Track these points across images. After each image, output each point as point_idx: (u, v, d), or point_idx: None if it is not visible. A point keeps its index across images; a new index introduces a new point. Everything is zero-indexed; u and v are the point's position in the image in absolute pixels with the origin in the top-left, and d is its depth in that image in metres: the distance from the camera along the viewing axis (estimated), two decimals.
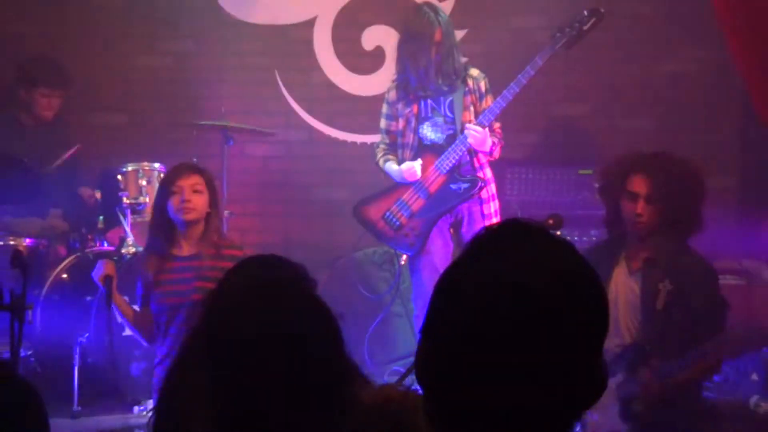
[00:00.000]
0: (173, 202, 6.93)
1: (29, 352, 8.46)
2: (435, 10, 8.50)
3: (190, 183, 6.99)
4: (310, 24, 10.80)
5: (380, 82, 10.60)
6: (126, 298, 8.36)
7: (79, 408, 8.27)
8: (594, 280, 2.36)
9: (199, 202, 7.04)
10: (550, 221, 6.33)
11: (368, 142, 10.61)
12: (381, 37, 10.74)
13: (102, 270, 6.96)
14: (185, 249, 7.07)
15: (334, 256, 9.92)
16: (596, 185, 7.03)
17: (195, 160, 9.03)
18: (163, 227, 7.04)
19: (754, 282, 9.48)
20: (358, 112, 10.75)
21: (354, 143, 10.79)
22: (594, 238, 8.96)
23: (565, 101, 8.61)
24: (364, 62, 10.78)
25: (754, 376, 8.58)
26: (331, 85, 10.82)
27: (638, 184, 6.55)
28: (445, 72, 8.40)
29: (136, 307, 7.08)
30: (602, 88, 9.60)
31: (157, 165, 9.14)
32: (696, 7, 9.46)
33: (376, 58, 10.75)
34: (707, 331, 6.32)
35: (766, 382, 8.50)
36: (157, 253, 7.07)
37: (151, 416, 4.42)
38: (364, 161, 10.45)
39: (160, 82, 10.62)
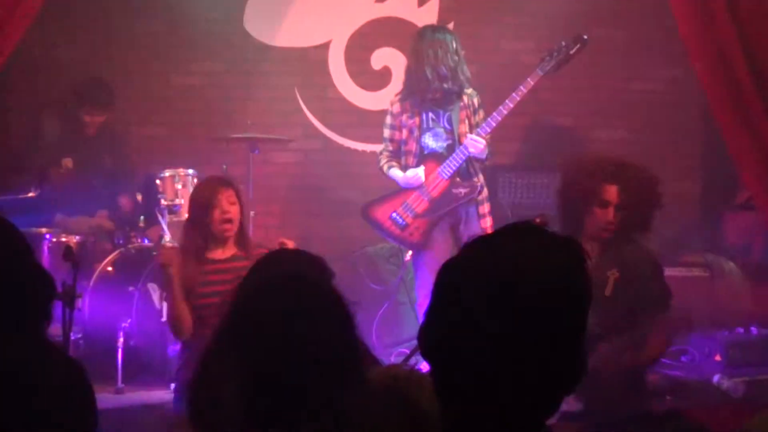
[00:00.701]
0: (215, 215, 6.88)
1: (79, 336, 8.45)
2: (446, 28, 8.80)
3: (226, 196, 6.96)
4: (325, 47, 10.79)
5: (387, 97, 10.52)
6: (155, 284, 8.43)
7: (123, 385, 8.25)
8: (584, 275, 2.34)
9: (236, 213, 7.01)
10: (538, 220, 6.27)
11: (376, 150, 10.55)
12: (388, 58, 10.73)
13: (162, 258, 6.89)
14: (220, 253, 7.02)
15: (346, 250, 9.89)
16: (558, 188, 6.91)
17: (224, 167, 9.04)
18: (202, 235, 6.97)
19: (715, 274, 9.48)
20: (368, 124, 10.73)
21: (364, 151, 10.78)
22: None
23: (551, 115, 8.61)
24: (373, 80, 10.77)
25: (717, 357, 8.56)
26: (344, 100, 10.80)
27: (610, 193, 6.50)
28: (449, 86, 8.44)
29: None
30: (583, 103, 9.59)
31: (191, 171, 9.15)
32: (664, 32, 9.45)
33: (384, 76, 10.74)
34: (653, 314, 6.29)
35: (726, 362, 8.47)
36: (194, 257, 6.99)
37: (186, 391, 4.39)
38: (372, 167, 10.40)
39: (194, 98, 10.61)
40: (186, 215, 7.46)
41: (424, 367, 2.49)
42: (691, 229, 9.99)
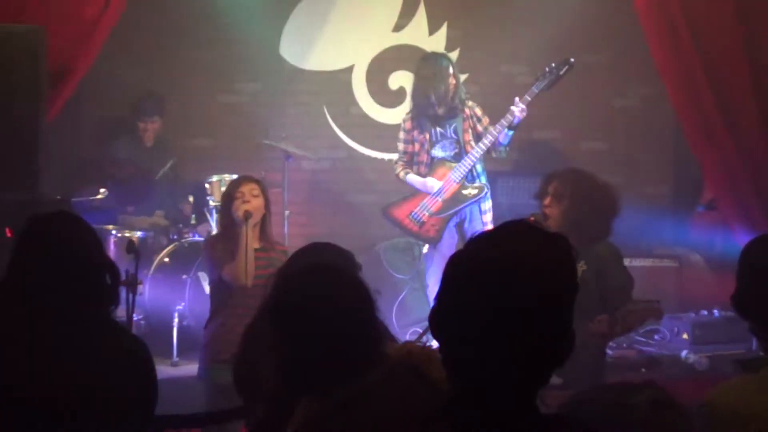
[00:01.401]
0: (236, 204, 6.88)
1: (140, 317, 8.45)
2: (444, 54, 8.83)
3: (249, 188, 6.96)
4: (349, 70, 10.80)
5: (402, 113, 10.55)
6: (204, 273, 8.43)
7: (177, 358, 8.29)
8: (571, 266, 2.36)
9: (258, 204, 6.97)
10: (532, 218, 6.29)
11: (393, 159, 10.59)
12: (403, 79, 10.72)
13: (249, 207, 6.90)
14: (254, 243, 6.99)
15: (368, 244, 9.91)
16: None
17: (263, 173, 9.05)
18: (231, 226, 6.97)
19: (683, 264, 9.47)
20: (386, 136, 10.73)
21: (382, 159, 10.78)
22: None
23: (543, 127, 8.62)
24: (390, 98, 10.77)
25: (685, 336, 8.56)
26: (365, 116, 10.81)
27: (552, 188, 6.58)
28: (458, 96, 8.54)
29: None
30: (570, 118, 9.60)
31: (235, 176, 9.11)
32: (640, 57, 9.44)
33: (399, 95, 10.74)
34: (619, 299, 6.29)
35: (692, 340, 8.47)
36: (227, 246, 6.98)
37: (231, 362, 4.42)
38: (389, 173, 10.44)
39: (237, 114, 10.63)
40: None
41: (434, 344, 2.52)
42: (663, 225, 9.98)
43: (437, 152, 8.59)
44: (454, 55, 10.45)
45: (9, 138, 7.22)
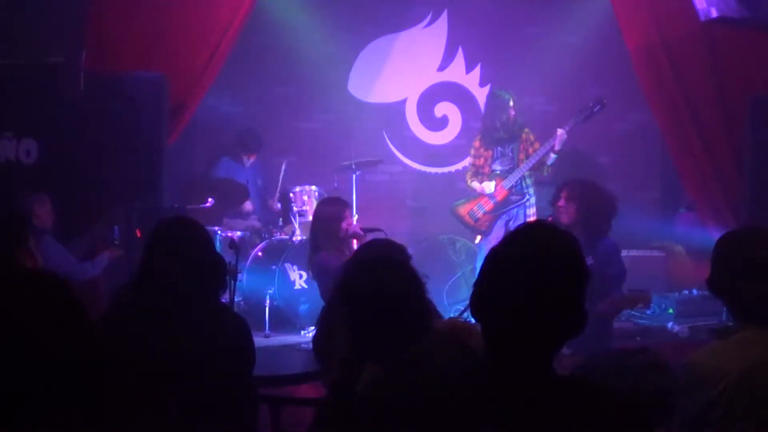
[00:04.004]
0: (343, 225, 6.72)
1: (240, 299, 8.47)
2: (506, 90, 8.80)
3: (349, 212, 6.94)
4: (403, 102, 10.80)
5: (445, 136, 10.71)
6: (295, 266, 8.43)
7: (269, 332, 8.30)
8: (580, 257, 2.37)
9: (354, 221, 7.16)
10: (549, 218, 6.28)
11: (439, 172, 10.65)
12: (446, 109, 10.77)
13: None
14: (347, 252, 7.00)
15: (420, 239, 9.92)
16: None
17: (336, 184, 9.08)
18: (340, 240, 6.82)
19: (669, 254, 9.43)
20: (432, 154, 10.78)
21: (429, 173, 10.77)
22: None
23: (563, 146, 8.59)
24: (436, 124, 10.77)
25: (670, 310, 8.49)
26: (416, 138, 10.81)
27: (565, 194, 6.57)
28: (517, 123, 8.65)
29: None
30: (581, 138, 9.52)
31: (314, 187, 9.24)
32: (634, 89, 9.36)
33: (443, 121, 10.76)
34: (616, 286, 6.26)
35: (677, 314, 8.41)
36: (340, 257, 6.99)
37: (312, 334, 4.43)
38: (433, 184, 10.51)
39: (315, 138, 10.66)
40: (311, 218, 7.39)
41: (473, 319, 2.52)
42: (653, 223, 9.91)
43: (496, 166, 8.70)
44: (485, 89, 10.45)
45: (138, 160, 7.31)
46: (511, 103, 8.63)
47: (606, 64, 10.27)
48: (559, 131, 8.38)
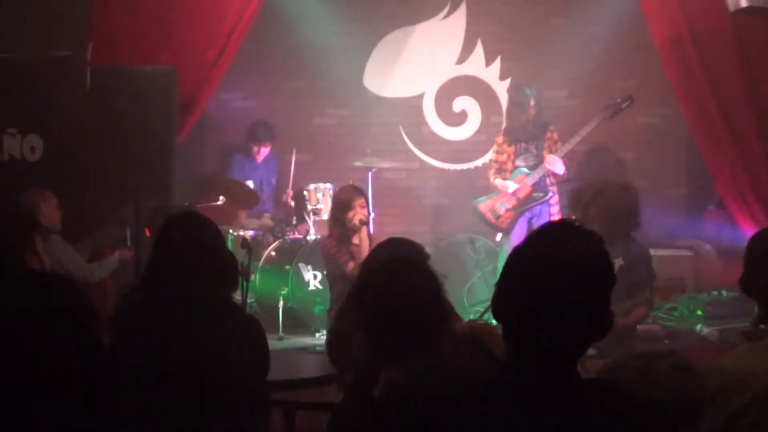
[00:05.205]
0: (352, 215, 6.98)
1: (252, 300, 8.50)
2: (528, 86, 8.84)
3: (360, 201, 7.04)
4: (420, 96, 10.78)
5: (464, 132, 10.69)
6: (309, 266, 8.45)
7: (283, 334, 8.32)
8: (606, 258, 2.36)
9: (366, 213, 7.21)
10: (574, 217, 6.25)
11: (458, 169, 10.64)
12: (464, 103, 10.72)
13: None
14: (357, 240, 7.11)
15: (437, 239, 9.92)
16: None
17: (351, 182, 9.08)
18: (346, 230, 7.06)
19: (698, 254, 9.39)
20: (450, 150, 10.74)
21: (448, 170, 10.75)
22: None
23: (583, 142, 8.54)
24: (454, 119, 10.74)
25: (699, 312, 8.48)
26: (434, 134, 10.78)
27: (587, 196, 6.57)
28: (537, 123, 8.68)
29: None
30: (605, 133, 9.49)
31: (328, 185, 9.24)
32: (660, 82, 9.34)
33: (462, 116, 10.73)
34: (643, 290, 6.25)
35: (705, 316, 8.39)
36: (342, 241, 7.09)
37: (326, 336, 4.44)
38: (452, 180, 10.51)
39: (329, 134, 10.68)
40: (327, 216, 7.46)
41: (494, 321, 2.52)
42: (680, 221, 9.88)
43: (519, 162, 8.75)
44: (505, 83, 10.44)
45: (147, 157, 7.32)
46: (532, 102, 8.64)
47: (631, 55, 10.24)
48: (548, 158, 8.53)
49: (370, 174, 9.36)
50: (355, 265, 6.87)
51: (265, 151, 9.97)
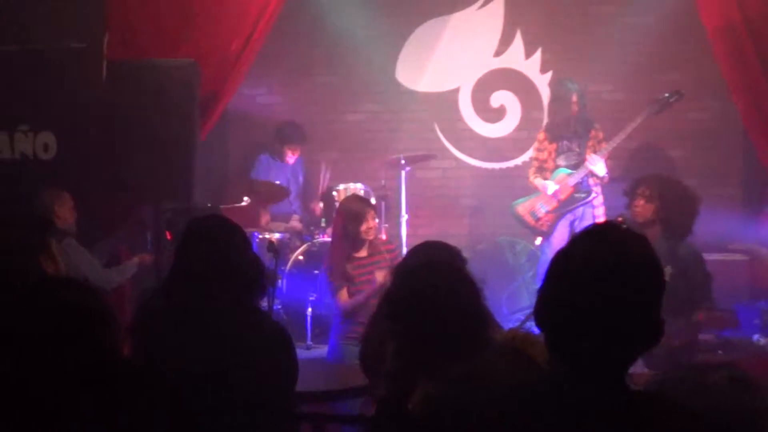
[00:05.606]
0: (364, 227, 7.00)
1: (279, 306, 8.53)
2: (571, 80, 8.76)
3: (372, 215, 7.06)
4: (456, 91, 10.76)
5: (503, 128, 10.66)
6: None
7: (311, 343, 8.34)
8: (656, 262, 2.35)
9: (376, 225, 7.27)
10: (620, 219, 6.23)
11: (496, 168, 10.62)
12: (503, 98, 10.69)
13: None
14: (363, 252, 7.11)
15: (474, 242, 9.90)
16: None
17: (383, 182, 9.08)
18: (355, 240, 7.06)
19: (754, 258, 9.32)
20: (488, 148, 10.72)
21: (486, 168, 10.73)
22: None
23: (628, 139, 8.50)
24: (492, 115, 10.72)
25: (756, 321, 8.42)
26: (471, 131, 10.76)
27: (641, 190, 6.49)
28: (580, 119, 8.63)
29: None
30: (654, 130, 9.45)
31: (359, 185, 9.22)
32: (711, 75, 9.28)
33: (500, 112, 10.70)
34: (701, 296, 6.19)
35: (763, 325, 8.33)
36: (347, 256, 7.09)
37: (360, 347, 4.44)
38: (490, 180, 10.47)
39: (359, 131, 10.68)
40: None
41: (536, 330, 2.51)
42: (734, 224, 9.81)
43: (561, 161, 8.72)
44: (547, 76, 10.41)
45: (167, 156, 7.32)
46: (575, 98, 8.60)
47: (681, 46, 10.19)
48: (590, 158, 8.48)
49: (403, 173, 9.35)
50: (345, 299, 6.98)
51: (295, 153, 9.98)
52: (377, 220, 7.31)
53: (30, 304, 2.53)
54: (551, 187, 8.61)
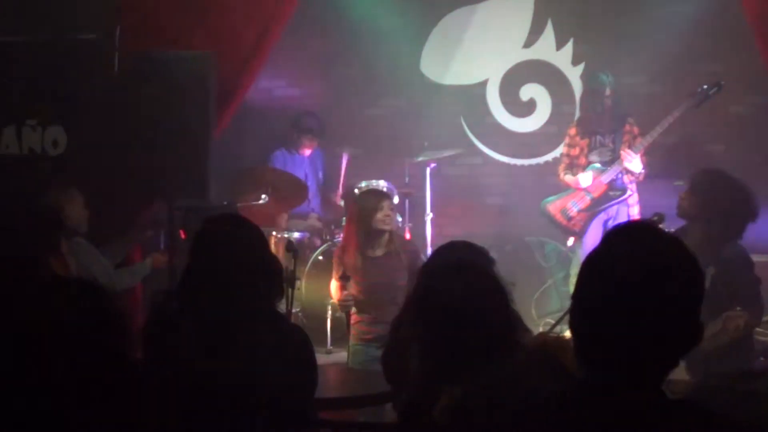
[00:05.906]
0: (378, 217, 6.95)
1: (297, 309, 8.52)
2: (605, 73, 8.76)
3: (388, 204, 7.04)
4: (483, 84, 10.77)
5: (533, 123, 10.64)
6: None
7: (331, 347, 8.34)
8: (695, 263, 2.33)
9: (395, 217, 7.21)
10: (655, 218, 6.19)
11: (525, 164, 10.60)
12: (533, 91, 10.69)
13: None
14: (378, 251, 7.08)
15: (502, 242, 9.88)
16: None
17: (407, 179, 9.06)
18: (368, 234, 7.03)
19: None
20: (517, 143, 10.73)
21: (515, 165, 10.73)
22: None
23: (666, 133, 8.46)
24: (521, 109, 10.72)
25: None
26: (499, 126, 10.77)
27: (691, 183, 6.52)
28: (614, 114, 8.64)
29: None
30: (691, 124, 9.41)
31: (382, 182, 9.18)
32: (753, 67, 9.23)
33: (530, 106, 10.70)
34: (748, 300, 6.14)
35: None
36: (360, 251, 7.06)
37: (382, 351, 4.43)
38: (520, 178, 10.45)
39: (383, 126, 10.68)
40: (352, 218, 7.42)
41: (567, 334, 2.51)
42: None
43: (593, 157, 8.71)
44: (579, 68, 10.39)
45: (182, 151, 7.33)
46: (608, 92, 8.59)
47: (720, 36, 10.14)
48: (624, 154, 8.46)
49: (428, 170, 9.36)
50: (352, 293, 6.97)
51: (313, 145, 9.99)
52: (395, 210, 7.25)
53: (39, 306, 2.53)
54: (583, 180, 8.57)
